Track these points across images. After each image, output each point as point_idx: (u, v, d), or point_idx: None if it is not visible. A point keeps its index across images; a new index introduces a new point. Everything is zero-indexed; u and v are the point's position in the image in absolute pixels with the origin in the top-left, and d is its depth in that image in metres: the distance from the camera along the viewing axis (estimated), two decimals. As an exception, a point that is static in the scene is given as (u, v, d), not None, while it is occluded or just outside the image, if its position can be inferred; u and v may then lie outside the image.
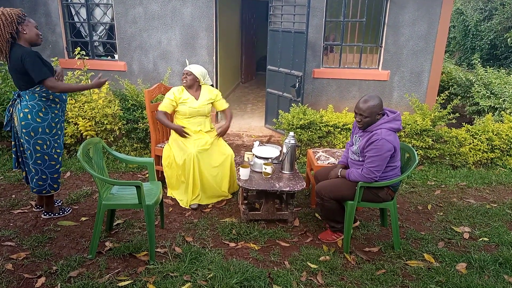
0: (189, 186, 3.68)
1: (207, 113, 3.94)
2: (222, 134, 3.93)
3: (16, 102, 3.10)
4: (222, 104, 4.05)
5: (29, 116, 3.03)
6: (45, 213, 3.44)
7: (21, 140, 3.12)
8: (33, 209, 3.56)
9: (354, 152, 3.07)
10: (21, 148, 3.21)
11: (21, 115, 3.03)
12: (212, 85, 4.07)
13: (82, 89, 3.27)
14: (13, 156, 3.29)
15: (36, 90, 3.03)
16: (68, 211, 3.52)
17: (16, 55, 2.91)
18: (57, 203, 3.61)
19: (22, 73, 2.94)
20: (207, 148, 3.72)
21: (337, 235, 3.23)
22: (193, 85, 3.89)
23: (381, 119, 2.91)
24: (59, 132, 3.23)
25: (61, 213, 3.47)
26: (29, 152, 3.14)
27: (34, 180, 3.24)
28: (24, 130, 3.05)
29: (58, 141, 3.23)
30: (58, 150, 3.24)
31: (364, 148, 2.91)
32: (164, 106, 3.82)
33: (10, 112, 3.14)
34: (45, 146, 3.14)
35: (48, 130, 3.12)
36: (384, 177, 2.95)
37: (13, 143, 3.22)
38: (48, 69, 2.99)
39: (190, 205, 3.72)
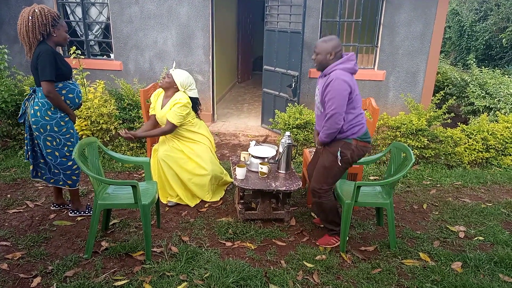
0: (165, 185, 3.72)
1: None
2: (128, 138, 3.51)
3: (31, 97, 3.16)
4: (169, 116, 3.56)
5: (39, 114, 3.07)
6: (71, 211, 3.47)
7: (35, 133, 3.17)
8: (51, 207, 3.58)
9: (317, 107, 3.05)
10: (36, 141, 3.23)
11: (32, 111, 3.09)
12: (196, 98, 3.80)
13: (65, 110, 3.14)
14: (25, 148, 3.32)
15: None
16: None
17: (37, 51, 2.99)
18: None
19: (37, 69, 3.00)
20: (173, 155, 3.65)
21: (336, 239, 3.17)
22: (168, 89, 3.66)
23: (336, 61, 2.87)
24: (71, 131, 3.22)
25: (87, 212, 3.48)
26: (41, 146, 3.19)
27: (51, 170, 3.29)
28: (34, 126, 3.11)
29: (72, 139, 3.22)
30: (71, 149, 3.22)
31: (323, 94, 2.87)
32: (150, 110, 3.82)
33: (26, 105, 3.19)
34: (54, 143, 3.16)
35: (57, 129, 3.13)
36: (349, 127, 2.91)
37: (25, 135, 3.26)
38: (63, 71, 3.06)
39: (167, 202, 3.73)
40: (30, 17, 2.96)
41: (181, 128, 3.72)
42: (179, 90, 3.67)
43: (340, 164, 2.96)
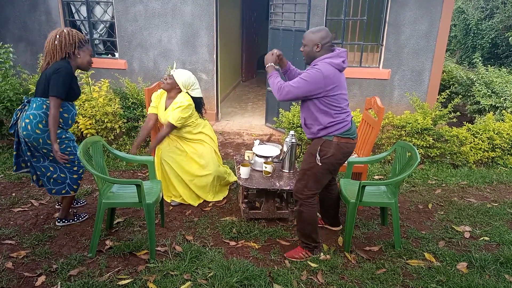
0: (169, 184, 3.72)
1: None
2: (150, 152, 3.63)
3: (24, 108, 3.05)
4: (169, 117, 3.52)
5: (29, 127, 2.93)
6: (59, 220, 3.29)
7: (29, 144, 3.02)
8: (56, 206, 3.56)
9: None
10: (28, 153, 3.05)
11: (23, 124, 2.96)
12: (200, 98, 3.72)
13: (51, 133, 2.92)
14: (14, 160, 3.16)
15: (47, 101, 2.96)
16: (84, 216, 3.41)
17: (57, 65, 2.93)
18: (82, 203, 3.63)
19: (47, 81, 2.91)
20: (175, 156, 3.63)
21: (307, 254, 2.95)
22: (171, 91, 3.59)
23: (326, 54, 2.71)
24: (66, 141, 3.07)
25: (75, 219, 3.35)
26: (40, 155, 3.06)
27: (52, 180, 3.11)
28: (26, 139, 2.96)
29: (68, 149, 3.08)
30: (72, 156, 3.09)
31: None
32: (150, 108, 3.72)
33: (17, 116, 3.06)
34: (52, 153, 3.02)
35: (50, 141, 2.97)
36: (332, 124, 2.74)
37: (15, 146, 3.11)
38: (73, 92, 3.02)
39: (170, 201, 3.75)
40: (57, 36, 2.94)
41: (185, 129, 3.68)
42: (181, 90, 3.61)
43: (320, 164, 2.77)
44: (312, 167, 2.80)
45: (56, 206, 3.58)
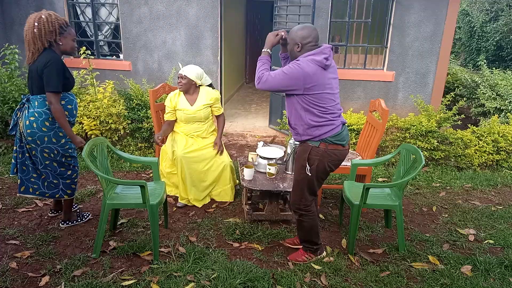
0: (180, 185, 3.72)
1: (204, 119, 3.77)
2: (221, 149, 3.81)
3: (24, 107, 2.96)
4: (217, 110, 3.88)
5: (35, 125, 2.88)
6: (62, 222, 3.28)
7: (27, 146, 2.97)
8: (49, 213, 3.47)
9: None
10: (27, 154, 3.02)
11: (27, 122, 2.89)
12: (211, 84, 3.91)
13: (64, 127, 2.91)
14: (13, 161, 3.08)
15: None
16: (87, 216, 3.41)
17: (44, 58, 2.82)
18: (74, 208, 3.50)
19: (40, 77, 2.82)
20: (194, 155, 3.65)
21: (310, 256, 2.94)
22: (189, 89, 3.72)
23: (309, 52, 2.57)
24: (70, 142, 3.04)
25: (79, 220, 3.35)
26: (38, 158, 3.00)
27: (46, 184, 3.09)
28: (29, 138, 2.90)
29: (70, 150, 3.05)
30: (69, 159, 3.06)
31: None
32: (167, 115, 3.80)
33: (17, 116, 2.99)
34: (52, 155, 2.99)
35: (55, 140, 2.95)
36: (316, 125, 2.61)
37: (15, 148, 3.02)
38: (68, 82, 2.95)
39: (177, 204, 3.75)
40: (36, 24, 2.81)
41: (206, 124, 3.81)
42: (197, 84, 3.73)
43: (310, 175, 2.68)
44: (303, 178, 2.72)
45: (49, 214, 3.47)
